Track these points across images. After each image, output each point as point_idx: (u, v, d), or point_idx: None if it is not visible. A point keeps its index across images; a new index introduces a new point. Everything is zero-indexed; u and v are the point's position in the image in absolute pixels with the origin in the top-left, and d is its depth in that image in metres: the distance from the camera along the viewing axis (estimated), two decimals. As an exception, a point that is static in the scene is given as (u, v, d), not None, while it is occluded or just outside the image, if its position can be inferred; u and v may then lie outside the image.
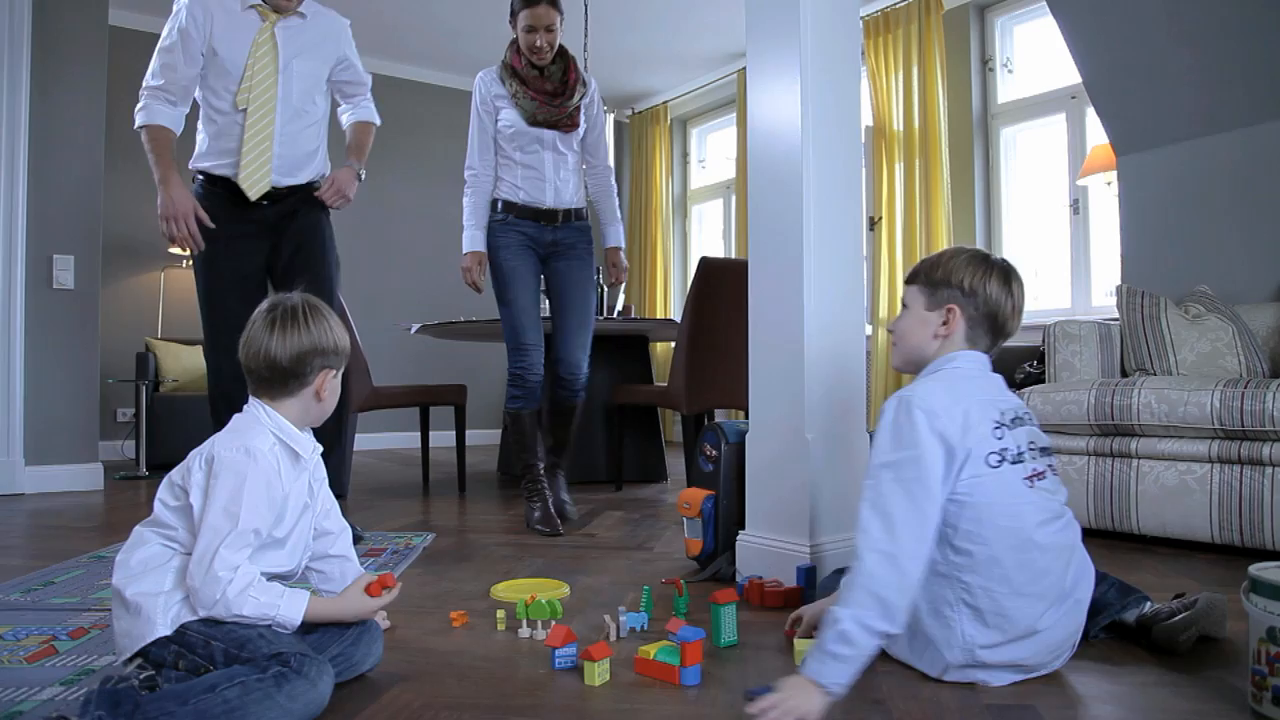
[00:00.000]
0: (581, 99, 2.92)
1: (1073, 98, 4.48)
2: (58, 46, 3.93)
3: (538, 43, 2.79)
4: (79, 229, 3.96)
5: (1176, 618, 1.44)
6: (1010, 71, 4.89)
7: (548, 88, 2.86)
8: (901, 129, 5.03)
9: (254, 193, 2.51)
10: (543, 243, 2.92)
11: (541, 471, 2.91)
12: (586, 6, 4.96)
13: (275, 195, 2.56)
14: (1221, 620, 1.51)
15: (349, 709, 1.25)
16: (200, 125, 2.58)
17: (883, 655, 1.43)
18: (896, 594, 1.21)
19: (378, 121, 2.88)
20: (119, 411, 5.42)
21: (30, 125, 3.84)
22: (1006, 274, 1.43)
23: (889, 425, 1.33)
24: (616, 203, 3.13)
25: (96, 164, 4.02)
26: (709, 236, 6.98)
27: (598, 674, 1.35)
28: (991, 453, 1.31)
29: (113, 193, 4.17)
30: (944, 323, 1.42)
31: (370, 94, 2.87)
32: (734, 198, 6.36)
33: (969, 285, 1.41)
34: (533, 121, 2.84)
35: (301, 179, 2.62)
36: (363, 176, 2.74)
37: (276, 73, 2.52)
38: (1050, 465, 1.39)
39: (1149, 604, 1.51)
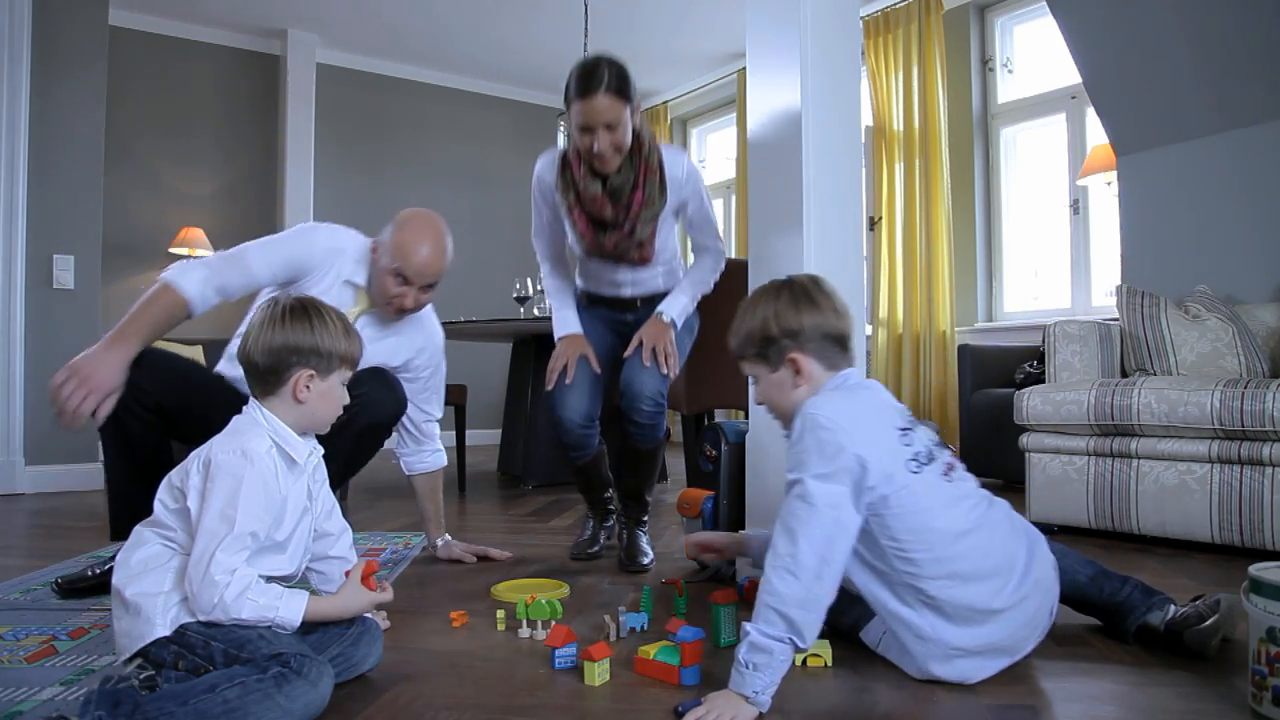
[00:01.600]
0: (654, 220, 2.17)
1: (1073, 98, 4.48)
2: (58, 47, 3.93)
3: (596, 147, 2.01)
4: (79, 229, 3.97)
5: (1207, 622, 1.43)
6: (1010, 71, 4.89)
7: (606, 215, 2.13)
8: (901, 129, 5.03)
9: None
10: (624, 323, 2.38)
11: (608, 501, 2.47)
12: (587, 7, 4.97)
13: None
14: (1239, 621, 1.51)
15: (349, 709, 1.25)
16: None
17: (879, 657, 1.43)
18: (801, 612, 1.22)
19: (442, 465, 2.33)
20: (119, 411, 5.41)
21: (30, 125, 3.84)
22: (796, 292, 1.44)
23: (796, 442, 1.33)
24: (709, 282, 2.33)
25: (96, 164, 4.03)
26: (709, 236, 6.97)
27: (598, 674, 1.35)
28: (909, 459, 1.33)
29: (113, 193, 4.17)
30: (796, 373, 1.42)
31: (438, 430, 2.29)
32: (734, 198, 6.35)
33: (785, 327, 1.42)
34: (590, 254, 2.25)
35: None
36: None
37: None
38: (952, 457, 1.42)
39: (1173, 607, 1.50)
